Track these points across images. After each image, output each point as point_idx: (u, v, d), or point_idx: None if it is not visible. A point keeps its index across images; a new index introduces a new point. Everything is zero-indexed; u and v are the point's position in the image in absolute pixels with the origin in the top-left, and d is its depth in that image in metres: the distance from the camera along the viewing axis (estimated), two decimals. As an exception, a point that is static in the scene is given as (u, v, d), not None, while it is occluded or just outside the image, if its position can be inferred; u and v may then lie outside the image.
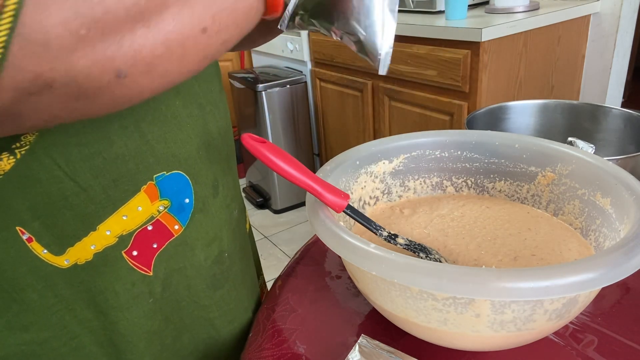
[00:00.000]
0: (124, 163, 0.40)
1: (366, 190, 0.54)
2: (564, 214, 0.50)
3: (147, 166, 0.42)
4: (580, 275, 0.31)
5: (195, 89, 0.45)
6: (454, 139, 0.55)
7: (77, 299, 0.42)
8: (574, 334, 0.44)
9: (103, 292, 0.43)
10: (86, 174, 0.38)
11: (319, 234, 0.39)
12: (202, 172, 0.47)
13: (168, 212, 0.44)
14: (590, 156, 0.47)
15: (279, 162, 0.40)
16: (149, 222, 0.43)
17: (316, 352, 0.45)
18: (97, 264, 0.42)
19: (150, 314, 0.46)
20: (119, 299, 0.44)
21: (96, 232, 0.41)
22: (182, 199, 0.45)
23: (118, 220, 0.41)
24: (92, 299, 0.43)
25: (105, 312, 0.44)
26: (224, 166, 0.51)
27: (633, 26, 1.65)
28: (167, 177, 0.43)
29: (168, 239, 0.45)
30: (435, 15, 1.70)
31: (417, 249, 0.46)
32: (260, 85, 2.21)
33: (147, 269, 0.45)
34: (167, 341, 0.49)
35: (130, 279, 0.44)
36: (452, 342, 0.40)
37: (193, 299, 0.50)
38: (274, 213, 2.46)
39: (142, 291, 0.45)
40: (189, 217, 0.46)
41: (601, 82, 1.69)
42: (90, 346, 0.44)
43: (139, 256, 0.44)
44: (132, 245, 0.43)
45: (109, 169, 0.39)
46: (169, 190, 0.44)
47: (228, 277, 0.53)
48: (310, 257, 0.60)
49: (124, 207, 0.41)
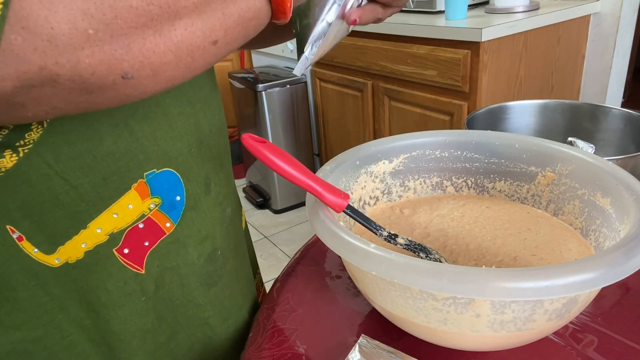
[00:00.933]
0: (114, 161, 0.40)
1: (366, 190, 0.54)
2: (564, 214, 0.50)
3: (138, 164, 0.41)
4: (580, 275, 0.31)
5: (186, 86, 0.45)
6: (454, 139, 0.55)
7: (68, 297, 0.42)
8: (574, 334, 0.44)
9: (95, 290, 0.43)
10: (76, 172, 0.38)
11: (319, 234, 0.39)
12: (194, 170, 0.46)
13: (159, 209, 0.44)
14: (590, 156, 0.47)
15: (279, 162, 0.40)
16: (140, 220, 0.43)
17: (316, 352, 0.45)
18: (89, 262, 0.41)
19: (143, 312, 0.46)
20: (111, 296, 0.44)
21: (87, 230, 0.40)
22: (173, 196, 0.45)
23: (109, 218, 0.41)
24: (83, 297, 0.43)
25: (97, 310, 0.44)
26: (217, 164, 0.50)
27: (633, 26, 1.66)
28: (158, 175, 0.43)
29: (160, 237, 0.45)
30: (435, 15, 1.70)
31: (417, 249, 0.46)
32: (260, 85, 2.21)
33: (139, 267, 0.45)
34: (161, 339, 0.49)
35: (121, 276, 0.44)
36: (452, 342, 0.40)
37: (187, 297, 0.50)
38: (274, 213, 2.46)
39: (134, 289, 0.45)
40: (181, 215, 0.46)
41: (601, 82, 1.69)
42: (82, 344, 0.44)
43: (131, 254, 0.44)
44: (123, 243, 0.43)
45: (98, 167, 0.39)
46: (160, 187, 0.44)
47: (222, 275, 0.53)
48: (310, 257, 0.60)
49: (115, 205, 0.41)
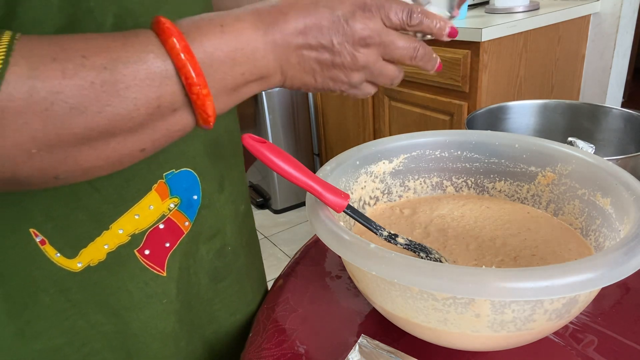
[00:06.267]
0: (135, 163, 0.41)
1: (366, 190, 0.54)
2: (564, 214, 0.50)
3: (158, 165, 0.43)
4: (580, 275, 0.31)
5: None
6: (454, 139, 0.55)
7: (89, 302, 0.43)
8: (574, 334, 0.44)
9: (116, 292, 0.43)
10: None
11: (319, 234, 0.39)
12: (209, 169, 0.47)
13: (178, 209, 0.45)
14: (590, 156, 0.47)
15: (279, 162, 0.40)
16: (161, 221, 0.44)
17: (316, 352, 0.45)
18: (111, 263, 0.42)
19: (164, 316, 0.47)
20: (132, 298, 0.44)
21: (109, 231, 0.41)
22: (190, 195, 0.46)
23: (130, 219, 0.42)
24: (104, 301, 0.43)
25: (118, 313, 0.44)
26: (230, 162, 0.51)
27: (633, 26, 1.65)
28: (177, 175, 0.44)
29: (179, 237, 0.46)
30: (435, 15, 1.70)
31: (417, 249, 0.46)
32: (260, 85, 2.20)
33: (160, 268, 0.45)
34: (182, 343, 0.49)
35: (142, 278, 0.44)
36: (452, 342, 0.40)
37: (198, 294, 0.50)
38: (274, 213, 2.46)
39: (156, 291, 0.45)
40: (196, 213, 0.47)
41: (601, 82, 1.69)
42: (102, 352, 0.45)
43: (152, 255, 0.44)
44: (144, 244, 0.44)
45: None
46: (179, 187, 0.45)
47: (231, 271, 0.53)
48: (310, 257, 0.60)
49: (136, 206, 0.42)
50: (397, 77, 0.41)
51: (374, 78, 0.40)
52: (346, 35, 0.36)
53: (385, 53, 0.39)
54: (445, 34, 0.39)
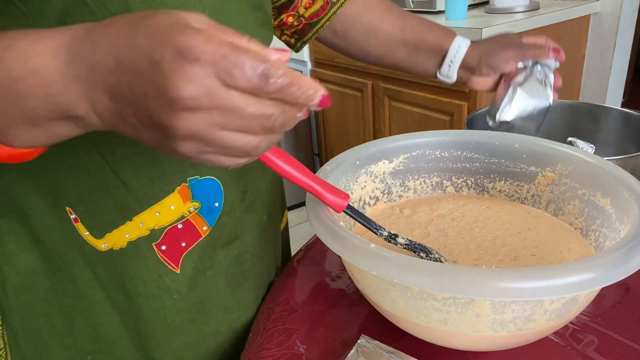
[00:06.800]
0: (161, 165, 0.44)
1: (366, 190, 0.54)
2: (564, 214, 0.50)
3: (182, 170, 0.45)
4: (580, 275, 0.31)
5: None
6: (454, 139, 0.55)
7: (110, 280, 0.47)
8: (574, 334, 0.44)
9: (132, 279, 0.47)
10: (127, 171, 0.43)
11: (319, 234, 0.39)
12: (234, 179, 0.49)
13: (198, 213, 0.47)
14: (590, 156, 0.47)
15: (279, 162, 0.39)
16: (180, 221, 0.47)
17: (316, 352, 0.45)
18: (130, 251, 0.46)
19: (173, 310, 0.49)
20: (146, 287, 0.47)
21: (132, 222, 0.45)
22: (212, 202, 0.48)
23: (152, 215, 0.45)
24: (122, 284, 0.47)
25: (133, 298, 0.48)
26: (256, 173, 0.52)
27: (633, 26, 1.65)
28: (200, 181, 0.46)
29: (196, 240, 0.48)
30: (435, 15, 1.70)
31: (417, 249, 0.46)
32: (260, 85, 2.20)
33: (174, 265, 0.48)
34: (190, 341, 0.51)
35: (157, 270, 0.47)
36: (452, 342, 0.40)
37: (216, 300, 0.52)
38: (274, 213, 2.46)
39: (168, 285, 0.48)
40: (216, 219, 0.49)
41: (601, 82, 1.69)
42: (118, 325, 0.49)
43: (168, 251, 0.47)
44: (162, 239, 0.46)
45: (147, 168, 0.43)
46: (201, 193, 0.47)
47: (249, 277, 0.54)
48: (310, 257, 0.60)
49: (159, 204, 0.45)
50: (255, 148, 0.29)
51: (216, 151, 0.29)
52: (160, 91, 0.26)
53: (225, 122, 0.27)
54: (314, 104, 0.28)
